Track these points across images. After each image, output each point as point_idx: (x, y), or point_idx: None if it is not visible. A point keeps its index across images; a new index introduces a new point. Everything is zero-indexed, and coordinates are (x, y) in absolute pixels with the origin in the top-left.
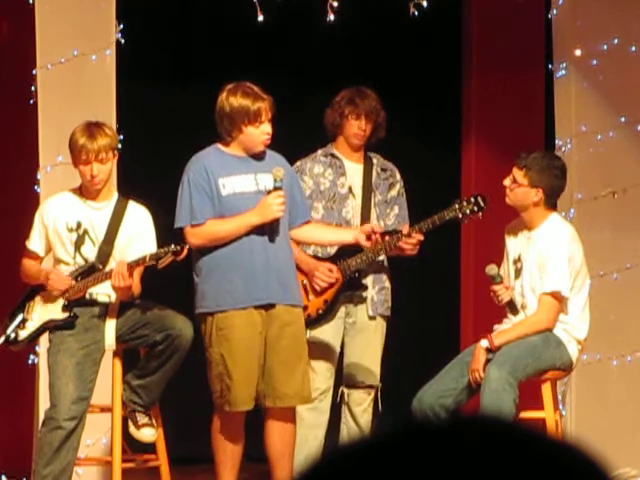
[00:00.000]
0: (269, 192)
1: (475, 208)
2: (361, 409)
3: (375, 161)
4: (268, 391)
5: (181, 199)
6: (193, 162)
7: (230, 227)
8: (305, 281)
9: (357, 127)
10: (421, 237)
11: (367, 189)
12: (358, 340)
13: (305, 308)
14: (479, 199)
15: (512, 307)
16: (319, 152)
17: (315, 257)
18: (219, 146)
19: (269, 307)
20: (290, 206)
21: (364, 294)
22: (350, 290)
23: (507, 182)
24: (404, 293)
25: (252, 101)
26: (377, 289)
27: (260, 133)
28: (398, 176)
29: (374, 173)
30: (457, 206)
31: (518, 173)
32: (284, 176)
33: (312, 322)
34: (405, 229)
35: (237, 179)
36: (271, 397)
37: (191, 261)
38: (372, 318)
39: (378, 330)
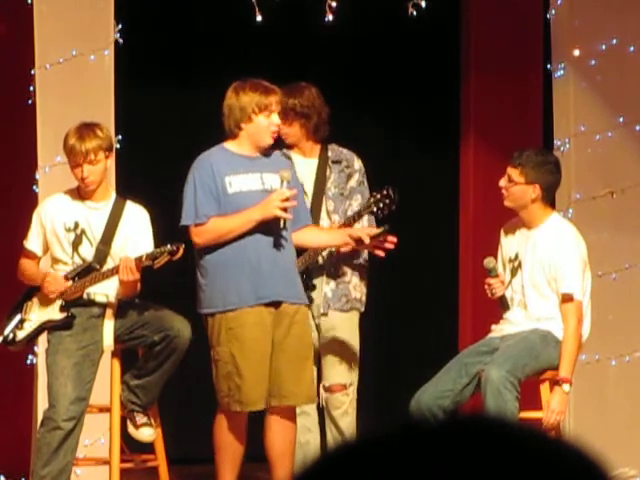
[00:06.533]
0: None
1: (387, 200)
2: (340, 412)
3: (330, 153)
4: (274, 390)
5: (186, 198)
6: (200, 160)
7: (233, 224)
8: None
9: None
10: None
11: (319, 183)
12: (322, 339)
13: None
14: (390, 191)
15: (504, 303)
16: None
17: None
18: (225, 145)
19: (277, 305)
20: (292, 209)
21: (313, 294)
22: None
23: (502, 183)
24: (402, 293)
25: (262, 91)
26: (333, 285)
27: (269, 123)
28: (357, 165)
29: (327, 166)
30: (372, 200)
31: (513, 172)
32: (291, 178)
33: None
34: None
35: (243, 177)
36: (277, 396)
37: (195, 261)
38: (325, 314)
39: (345, 326)
